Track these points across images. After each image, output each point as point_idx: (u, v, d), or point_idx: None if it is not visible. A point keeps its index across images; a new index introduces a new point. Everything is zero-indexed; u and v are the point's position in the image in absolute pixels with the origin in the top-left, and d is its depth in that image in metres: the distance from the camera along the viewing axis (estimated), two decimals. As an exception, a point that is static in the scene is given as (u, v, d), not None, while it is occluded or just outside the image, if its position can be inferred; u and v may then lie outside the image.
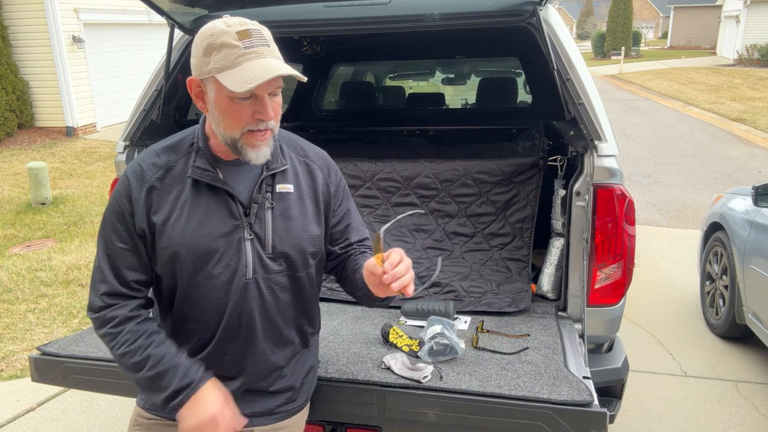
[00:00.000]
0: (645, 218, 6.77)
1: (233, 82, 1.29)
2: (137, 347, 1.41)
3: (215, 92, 1.35)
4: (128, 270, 1.45)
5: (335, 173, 1.66)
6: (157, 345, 1.42)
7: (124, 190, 1.44)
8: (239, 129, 1.37)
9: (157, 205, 1.43)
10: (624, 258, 2.29)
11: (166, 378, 1.40)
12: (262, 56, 1.32)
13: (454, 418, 1.77)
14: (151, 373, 1.40)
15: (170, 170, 1.45)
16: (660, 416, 3.22)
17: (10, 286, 5.03)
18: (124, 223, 1.44)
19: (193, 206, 1.43)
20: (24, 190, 8.10)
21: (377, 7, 2.47)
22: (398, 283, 1.34)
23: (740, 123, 12.74)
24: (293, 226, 1.51)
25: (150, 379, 1.40)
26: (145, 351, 1.41)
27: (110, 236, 1.45)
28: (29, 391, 3.49)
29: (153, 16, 12.09)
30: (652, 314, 4.45)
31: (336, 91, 4.97)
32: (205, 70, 1.34)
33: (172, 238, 1.42)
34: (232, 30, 1.32)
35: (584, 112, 2.27)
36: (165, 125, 2.74)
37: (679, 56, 30.89)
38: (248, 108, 1.35)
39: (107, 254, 1.45)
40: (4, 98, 10.88)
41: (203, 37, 1.34)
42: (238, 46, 1.31)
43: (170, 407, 1.40)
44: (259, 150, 1.40)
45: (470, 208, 2.83)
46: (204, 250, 1.43)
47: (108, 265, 1.45)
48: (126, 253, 1.45)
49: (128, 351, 1.41)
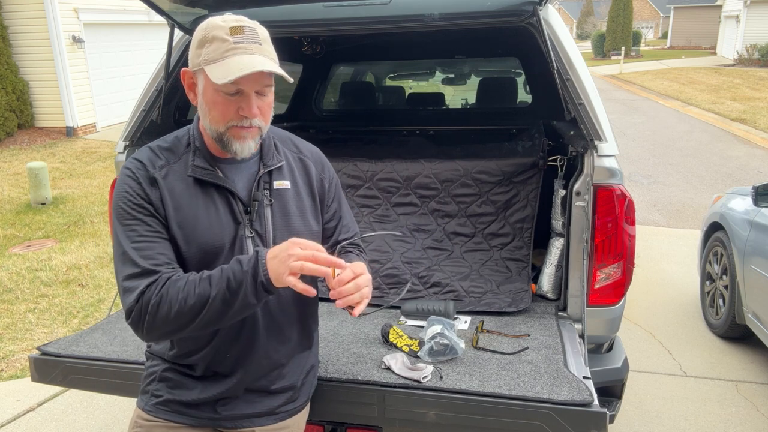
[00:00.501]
0: (645, 218, 6.77)
1: (217, 74, 1.31)
2: (191, 283, 1.32)
3: (203, 84, 1.37)
4: (161, 255, 1.38)
5: (329, 169, 1.67)
6: (207, 273, 1.34)
7: (133, 180, 1.40)
8: (224, 123, 1.38)
9: (164, 198, 1.41)
10: (624, 258, 2.29)
11: (234, 278, 1.29)
12: (249, 52, 1.33)
13: (454, 418, 1.77)
14: (220, 287, 1.29)
15: (170, 169, 1.45)
16: (660, 416, 3.22)
17: (10, 286, 5.03)
18: (144, 211, 1.39)
19: (195, 205, 1.43)
20: (24, 190, 8.10)
21: (377, 7, 2.47)
22: (342, 302, 1.32)
23: (740, 123, 12.74)
24: (292, 222, 1.52)
25: (224, 290, 1.29)
26: (200, 279, 1.32)
27: (134, 229, 1.37)
28: (29, 391, 3.49)
29: (153, 16, 12.10)
30: (652, 314, 4.45)
31: (336, 91, 4.97)
32: (196, 62, 1.36)
33: (176, 236, 1.41)
34: (226, 25, 1.34)
35: (584, 112, 2.27)
36: (165, 125, 2.74)
37: (679, 56, 30.90)
38: (233, 103, 1.36)
39: (135, 248, 1.36)
40: (4, 98, 10.88)
41: (200, 30, 1.37)
42: (227, 41, 1.33)
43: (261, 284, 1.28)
44: (244, 142, 1.40)
45: (470, 208, 2.83)
46: (208, 248, 1.43)
47: (142, 258, 1.35)
48: (158, 239, 1.38)
49: (186, 292, 1.30)
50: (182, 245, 1.42)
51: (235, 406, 1.55)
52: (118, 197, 1.41)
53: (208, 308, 1.30)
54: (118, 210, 1.40)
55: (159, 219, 1.40)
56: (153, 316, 1.32)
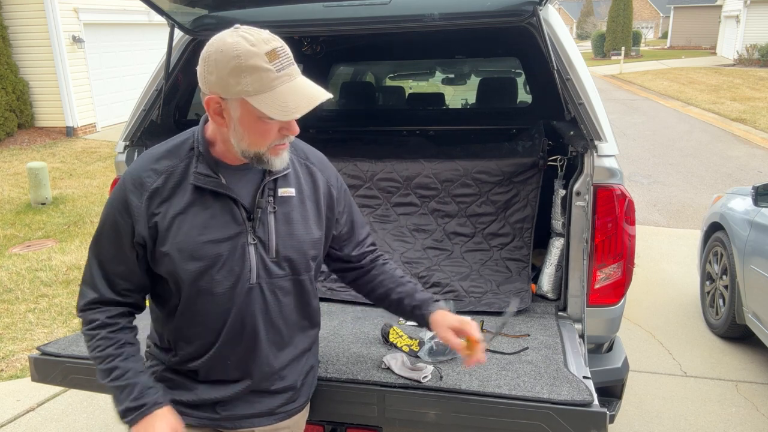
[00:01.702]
0: (645, 218, 6.77)
1: (274, 110, 1.29)
2: (106, 355, 1.45)
3: (241, 111, 1.33)
4: (118, 278, 1.47)
5: (336, 177, 1.68)
6: (124, 358, 1.45)
7: (122, 201, 1.43)
8: (266, 145, 1.38)
9: (159, 212, 1.41)
10: (624, 258, 2.29)
11: (123, 393, 1.43)
12: (293, 78, 1.32)
13: (454, 418, 1.77)
14: (113, 385, 1.44)
15: (171, 176, 1.43)
16: (660, 416, 3.22)
17: (10, 286, 5.03)
18: (118, 233, 1.44)
19: (196, 212, 1.42)
20: (24, 190, 8.10)
21: (377, 7, 2.47)
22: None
23: (740, 123, 12.74)
24: (295, 229, 1.51)
25: (112, 389, 1.45)
26: (112, 361, 1.44)
27: (103, 243, 1.47)
28: (29, 391, 3.49)
29: (153, 16, 12.08)
30: (652, 314, 4.45)
31: (336, 91, 4.96)
32: (232, 91, 1.30)
33: (175, 243, 1.41)
34: (260, 51, 1.28)
35: (584, 112, 2.27)
36: (165, 125, 2.74)
37: (679, 56, 30.89)
38: (275, 126, 1.35)
39: (98, 259, 1.48)
40: (4, 98, 10.88)
41: (227, 57, 1.28)
42: (270, 70, 1.28)
43: (124, 422, 1.44)
44: (282, 156, 1.43)
45: (470, 208, 2.83)
46: (208, 255, 1.42)
47: (99, 270, 1.48)
48: (117, 261, 1.46)
49: (98, 356, 1.46)
50: (179, 254, 1.41)
51: (235, 406, 1.55)
52: (109, 205, 1.47)
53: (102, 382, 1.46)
54: (105, 218, 1.47)
55: (139, 243, 1.43)
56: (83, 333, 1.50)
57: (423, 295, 1.74)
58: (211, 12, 2.62)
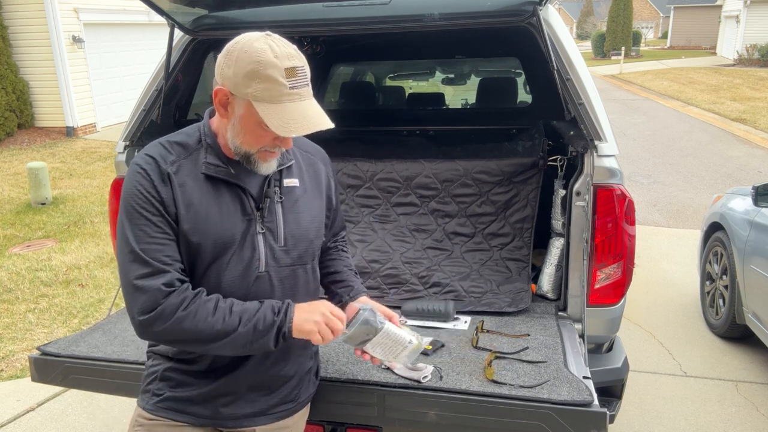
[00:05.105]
0: (645, 218, 6.77)
1: (274, 122, 1.32)
2: (222, 311, 1.39)
3: (244, 111, 1.36)
4: (174, 259, 1.40)
5: (332, 167, 1.75)
6: (236, 303, 1.42)
7: (144, 178, 1.39)
8: (256, 147, 1.41)
9: (175, 196, 1.41)
10: (624, 258, 2.29)
11: (266, 320, 1.41)
12: (302, 98, 1.35)
13: (454, 418, 1.77)
14: (251, 325, 1.40)
15: (182, 165, 1.44)
16: (660, 416, 3.22)
17: (10, 286, 5.03)
18: (155, 210, 1.38)
19: (207, 201, 1.44)
20: (24, 190, 8.10)
21: (377, 7, 2.47)
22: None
23: (740, 123, 12.74)
24: (302, 218, 1.56)
25: (252, 330, 1.40)
26: (231, 311, 1.40)
27: (143, 229, 1.37)
28: (29, 391, 3.49)
29: (153, 16, 12.09)
30: (652, 314, 4.45)
31: (336, 91, 4.97)
32: (242, 91, 1.33)
33: (185, 233, 1.41)
34: (281, 65, 1.31)
35: (584, 112, 2.27)
36: (165, 125, 2.74)
37: (679, 56, 30.89)
38: (271, 134, 1.38)
39: (144, 249, 1.36)
40: (4, 98, 10.88)
41: (248, 59, 1.31)
42: (284, 85, 1.31)
43: (282, 335, 1.42)
44: (269, 163, 1.47)
45: (470, 208, 2.83)
46: (219, 243, 1.44)
47: (152, 258, 1.36)
48: (167, 241, 1.39)
49: (215, 319, 1.38)
50: (193, 240, 1.42)
51: (237, 405, 1.55)
52: (129, 195, 1.40)
53: (230, 340, 1.39)
54: (128, 208, 1.39)
55: (168, 219, 1.40)
56: (174, 325, 1.36)
57: (360, 285, 1.78)
58: (211, 12, 2.61)
